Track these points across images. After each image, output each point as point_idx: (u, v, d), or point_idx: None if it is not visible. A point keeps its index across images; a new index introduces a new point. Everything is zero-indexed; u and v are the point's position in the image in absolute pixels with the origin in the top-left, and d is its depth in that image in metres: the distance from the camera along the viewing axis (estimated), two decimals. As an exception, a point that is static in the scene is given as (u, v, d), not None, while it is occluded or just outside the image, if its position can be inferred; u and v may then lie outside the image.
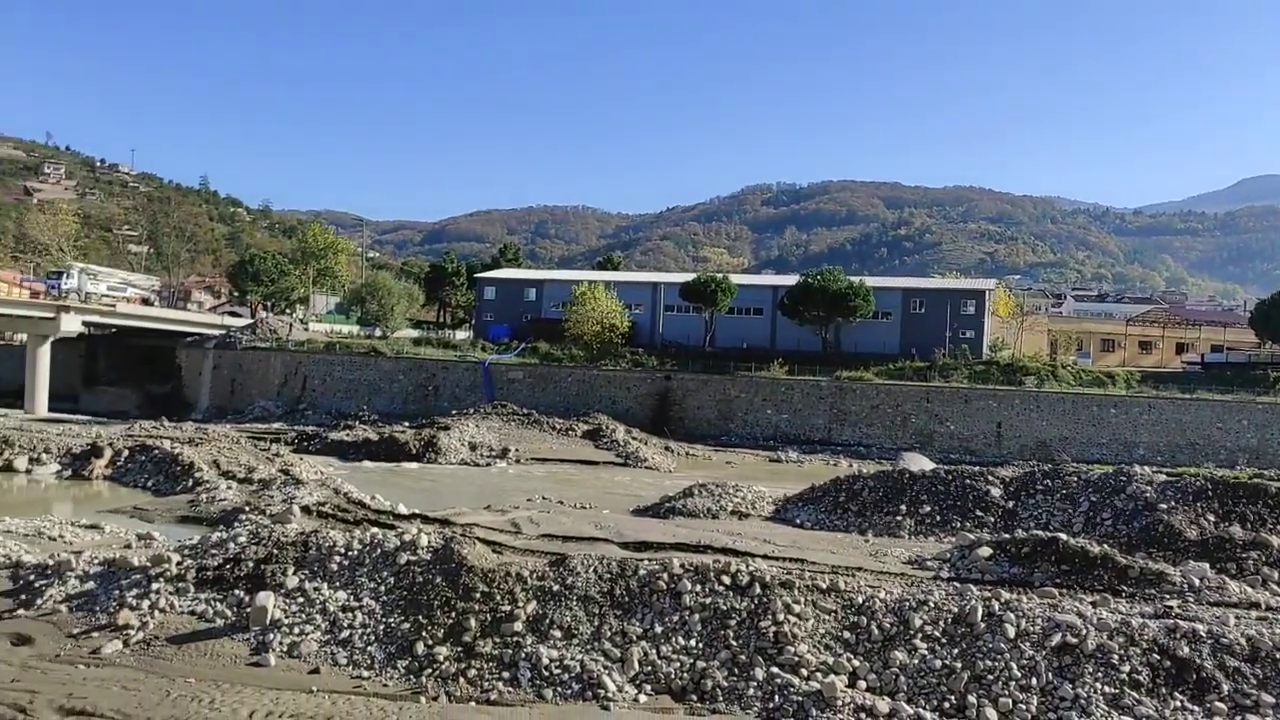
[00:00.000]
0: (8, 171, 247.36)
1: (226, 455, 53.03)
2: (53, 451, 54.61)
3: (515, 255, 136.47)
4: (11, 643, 23.14)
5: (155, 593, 24.66)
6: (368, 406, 78.04)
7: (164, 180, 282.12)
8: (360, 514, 37.66)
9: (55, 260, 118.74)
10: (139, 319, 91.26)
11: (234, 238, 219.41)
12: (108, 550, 30.35)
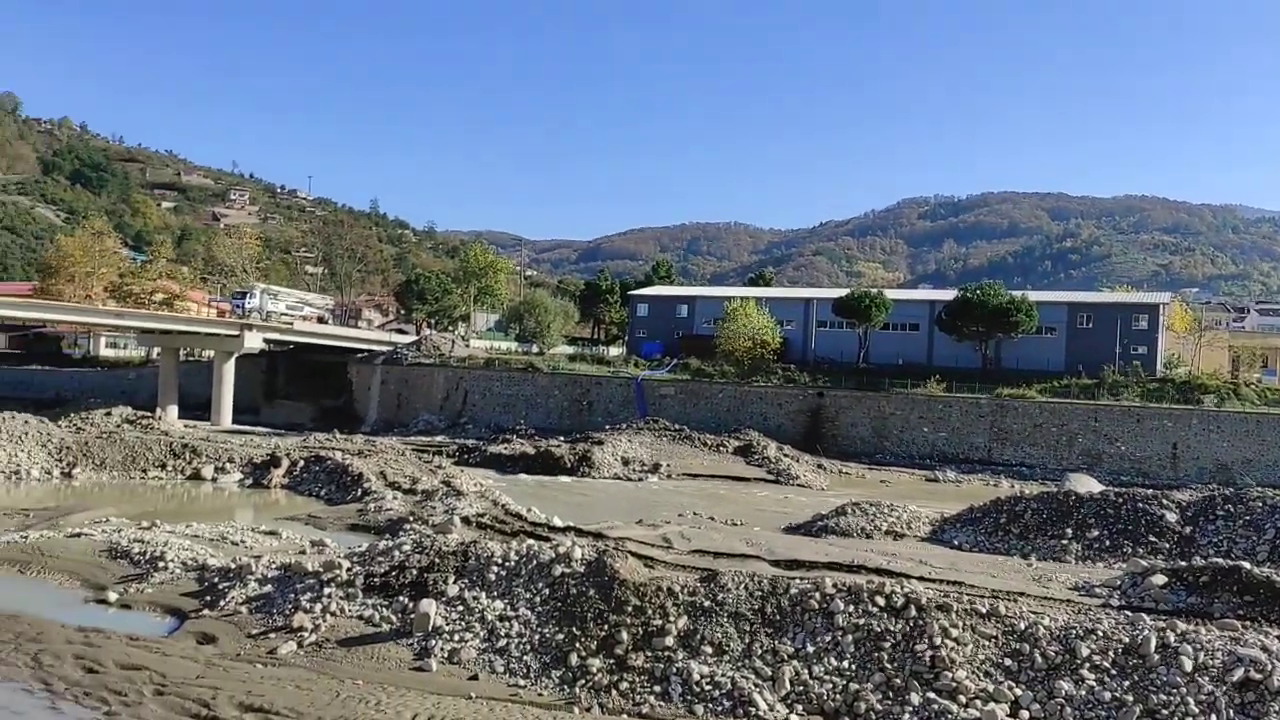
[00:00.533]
0: (198, 198, 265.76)
1: (392, 467, 55.36)
2: (236, 461, 58.22)
3: (668, 272, 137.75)
4: (197, 641, 24.81)
5: (327, 597, 25.99)
6: (525, 421, 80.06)
7: (338, 204, 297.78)
8: (517, 526, 38.61)
9: (240, 281, 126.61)
10: (314, 336, 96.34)
11: (401, 258, 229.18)
12: (284, 555, 32.15)
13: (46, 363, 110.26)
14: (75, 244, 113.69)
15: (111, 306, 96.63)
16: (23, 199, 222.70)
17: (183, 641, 24.72)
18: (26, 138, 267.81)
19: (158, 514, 42.93)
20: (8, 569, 32.50)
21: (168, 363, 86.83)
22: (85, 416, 68.05)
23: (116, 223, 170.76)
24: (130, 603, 28.58)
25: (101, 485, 53.84)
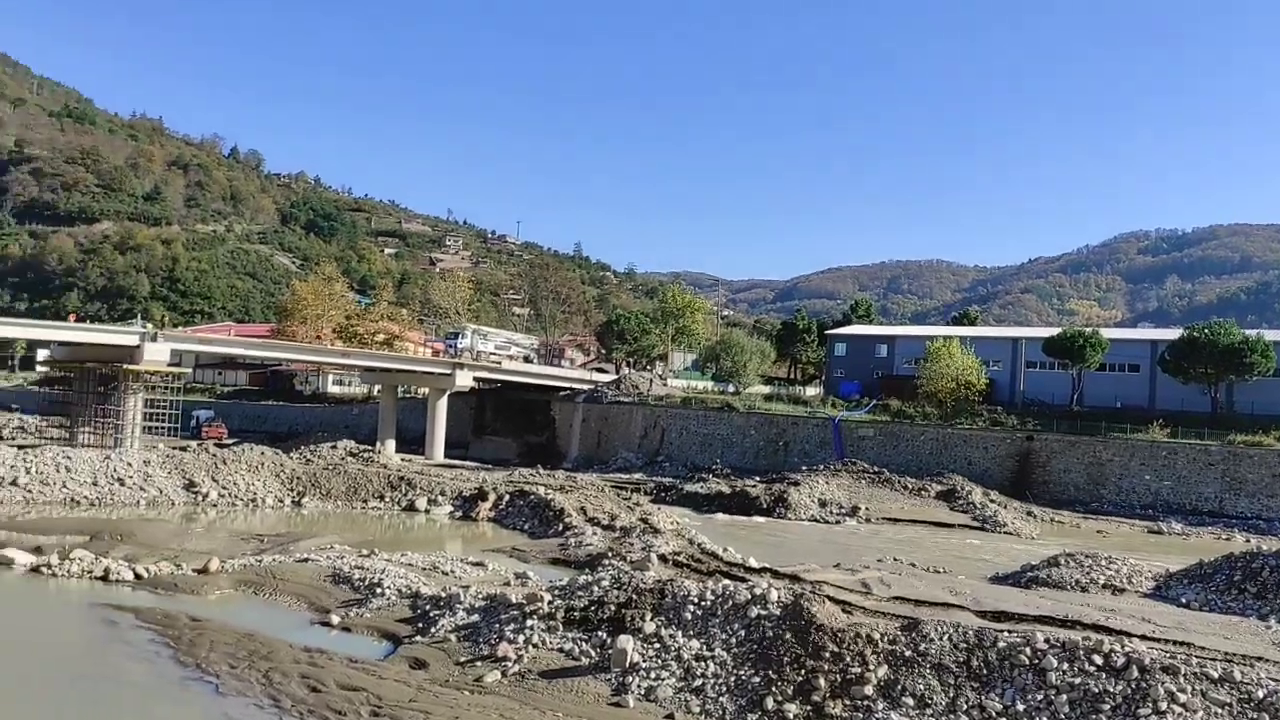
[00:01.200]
0: (417, 244, 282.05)
1: (592, 503, 56.63)
2: (447, 494, 61.08)
3: (866, 311, 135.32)
4: (410, 666, 26.12)
5: (530, 629, 26.84)
6: (720, 460, 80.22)
7: (544, 248, 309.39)
8: (713, 565, 38.64)
9: (453, 322, 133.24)
10: (520, 375, 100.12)
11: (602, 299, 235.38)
12: (490, 586, 33.44)
13: (281, 398, 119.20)
14: (308, 289, 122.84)
15: (339, 347, 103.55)
16: (264, 247, 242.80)
17: (397, 665, 26.08)
18: (268, 191, 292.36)
19: (376, 542, 45.55)
20: (245, 590, 35.25)
21: (387, 399, 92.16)
22: (314, 449, 73.10)
23: (344, 268, 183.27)
24: (350, 626, 30.39)
25: (327, 514, 57.62)
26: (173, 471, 59.44)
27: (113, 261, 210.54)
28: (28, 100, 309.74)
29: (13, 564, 36.95)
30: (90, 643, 28.62)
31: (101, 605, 32.29)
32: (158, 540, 43.50)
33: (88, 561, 37.08)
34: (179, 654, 26.87)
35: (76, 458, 59.03)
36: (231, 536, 46.59)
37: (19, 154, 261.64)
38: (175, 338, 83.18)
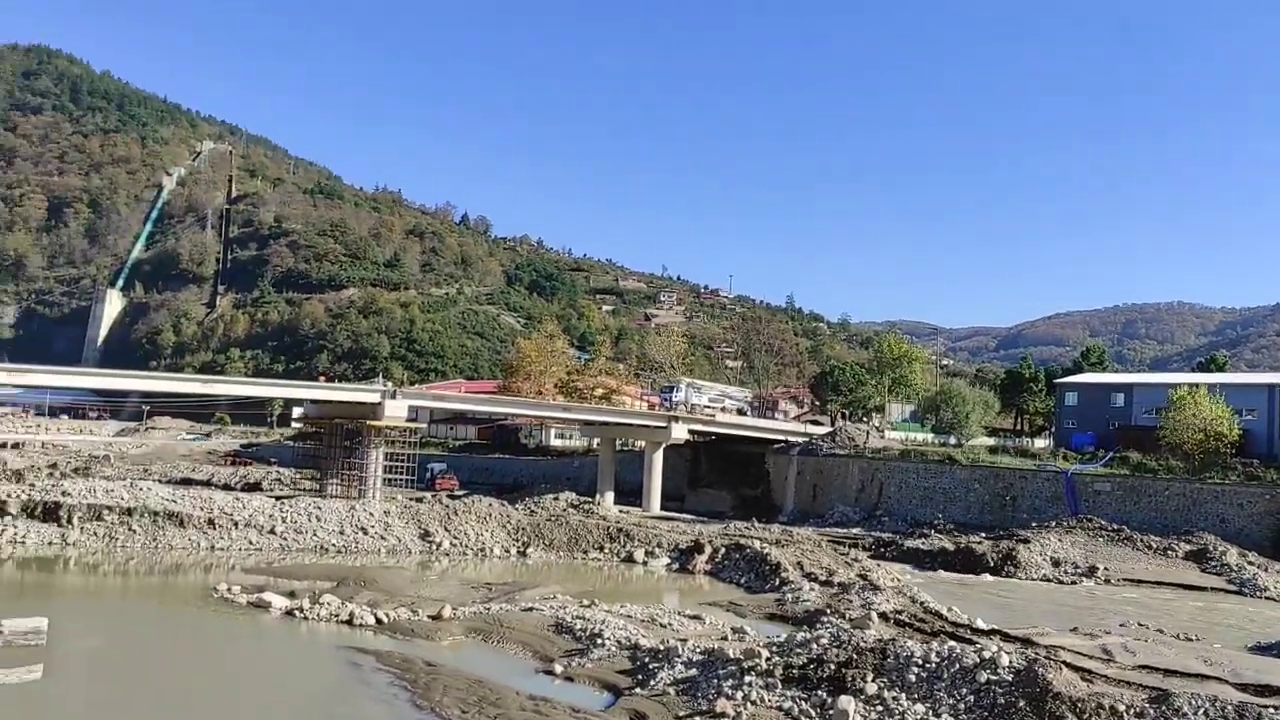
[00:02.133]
0: (633, 301, 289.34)
1: (809, 557, 55.79)
2: (664, 546, 61.77)
3: (1099, 358, 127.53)
4: (630, 718, 26.45)
5: (748, 685, 26.67)
6: (942, 515, 77.19)
7: (756, 301, 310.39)
8: (937, 625, 37.25)
9: (668, 376, 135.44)
10: (734, 427, 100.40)
11: (815, 350, 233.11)
12: (708, 640, 33.50)
13: (507, 451, 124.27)
14: (532, 346, 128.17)
15: (560, 401, 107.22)
16: (491, 308, 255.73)
17: (617, 717, 26.48)
18: (495, 254, 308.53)
19: (596, 593, 46.58)
20: (474, 637, 36.84)
21: (605, 452, 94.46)
22: (537, 501, 75.73)
23: (565, 326, 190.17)
24: (573, 676, 31.15)
25: (550, 564, 59.47)
26: (410, 522, 63.07)
27: (358, 324, 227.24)
28: (285, 180, 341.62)
29: (270, 607, 40.20)
30: (338, 683, 30.66)
31: (346, 648, 34.55)
32: (396, 587, 46.16)
33: (335, 606, 39.83)
34: (416, 697, 28.36)
35: (326, 508, 63.74)
36: (462, 585, 48.84)
37: (278, 229, 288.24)
38: (412, 395, 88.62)
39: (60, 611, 37.51)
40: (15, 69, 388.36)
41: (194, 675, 31.45)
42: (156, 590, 47.54)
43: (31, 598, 42.67)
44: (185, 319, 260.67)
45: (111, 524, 57.14)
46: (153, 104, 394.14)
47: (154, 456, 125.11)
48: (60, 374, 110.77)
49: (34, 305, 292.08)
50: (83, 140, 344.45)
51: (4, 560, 52.03)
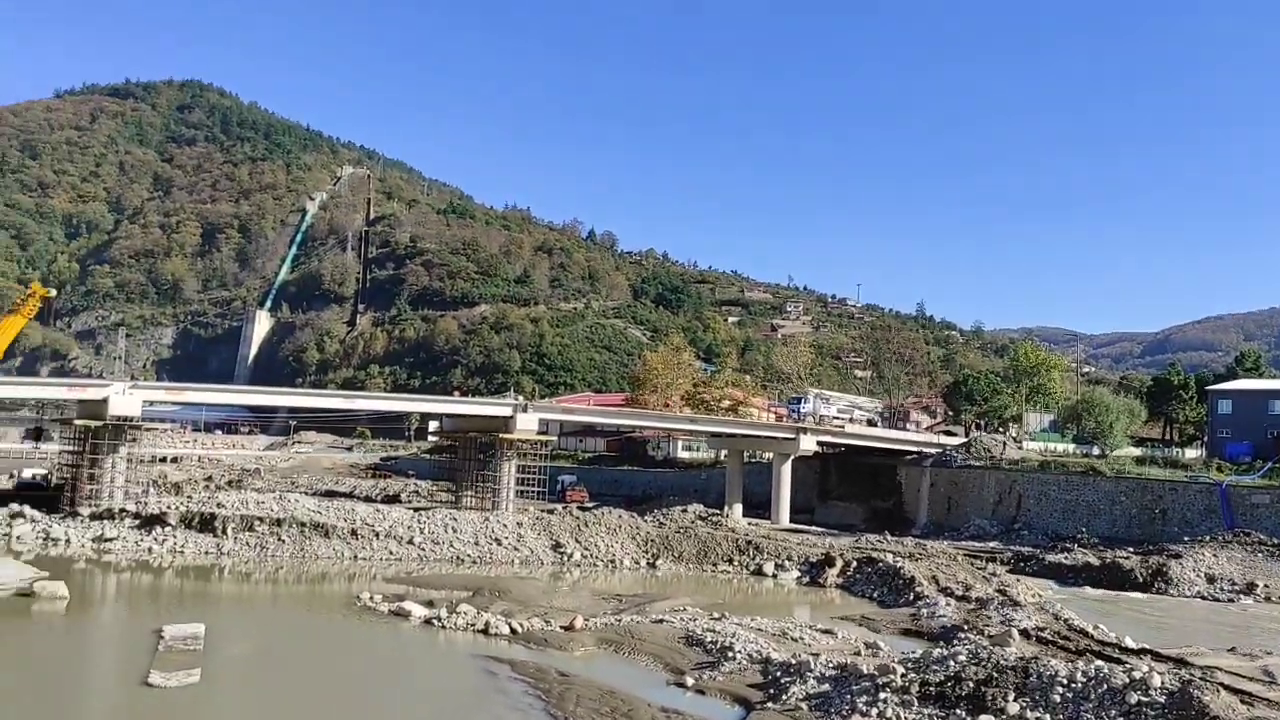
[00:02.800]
0: (758, 312, 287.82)
1: (944, 572, 54.39)
2: (794, 559, 61.16)
3: (1255, 363, 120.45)
4: (762, 731, 26.33)
5: (883, 701, 26.17)
6: (1086, 529, 74.12)
7: (884, 309, 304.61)
8: (1082, 643, 35.83)
9: (795, 387, 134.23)
10: (863, 438, 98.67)
11: (948, 359, 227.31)
12: (840, 655, 33.01)
13: (635, 464, 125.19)
14: (658, 359, 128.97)
15: (687, 413, 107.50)
16: (618, 321, 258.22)
17: (750, 730, 26.37)
18: (621, 269, 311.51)
19: (726, 606, 46.47)
20: (606, 648, 37.19)
21: (733, 464, 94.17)
22: (666, 513, 75.96)
23: (691, 338, 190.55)
24: (704, 688, 31.13)
25: (679, 576, 59.57)
26: (542, 533, 64.15)
27: (489, 340, 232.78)
28: (420, 201, 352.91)
29: (410, 616, 41.48)
30: (475, 691, 31.41)
31: (483, 656, 35.38)
32: (529, 597, 47.00)
33: (471, 615, 40.82)
34: (550, 706, 28.82)
35: (461, 519, 65.45)
36: (593, 596, 49.39)
37: (413, 248, 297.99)
38: (542, 408, 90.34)
39: (216, 618, 39.62)
40: (171, 103, 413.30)
41: (340, 680, 32.70)
42: (304, 598, 49.59)
43: (190, 605, 45.09)
44: (328, 337, 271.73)
45: (262, 534, 59.94)
46: (296, 132, 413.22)
47: (300, 469, 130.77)
48: (214, 391, 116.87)
49: (190, 326, 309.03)
50: (233, 169, 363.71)
51: (165, 569, 55.16)
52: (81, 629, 40.19)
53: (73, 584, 45.50)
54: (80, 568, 53.56)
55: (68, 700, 29.01)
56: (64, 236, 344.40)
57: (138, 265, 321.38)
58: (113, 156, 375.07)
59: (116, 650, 37.15)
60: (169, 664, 31.27)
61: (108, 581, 52.08)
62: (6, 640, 35.12)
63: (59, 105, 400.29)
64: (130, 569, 54.64)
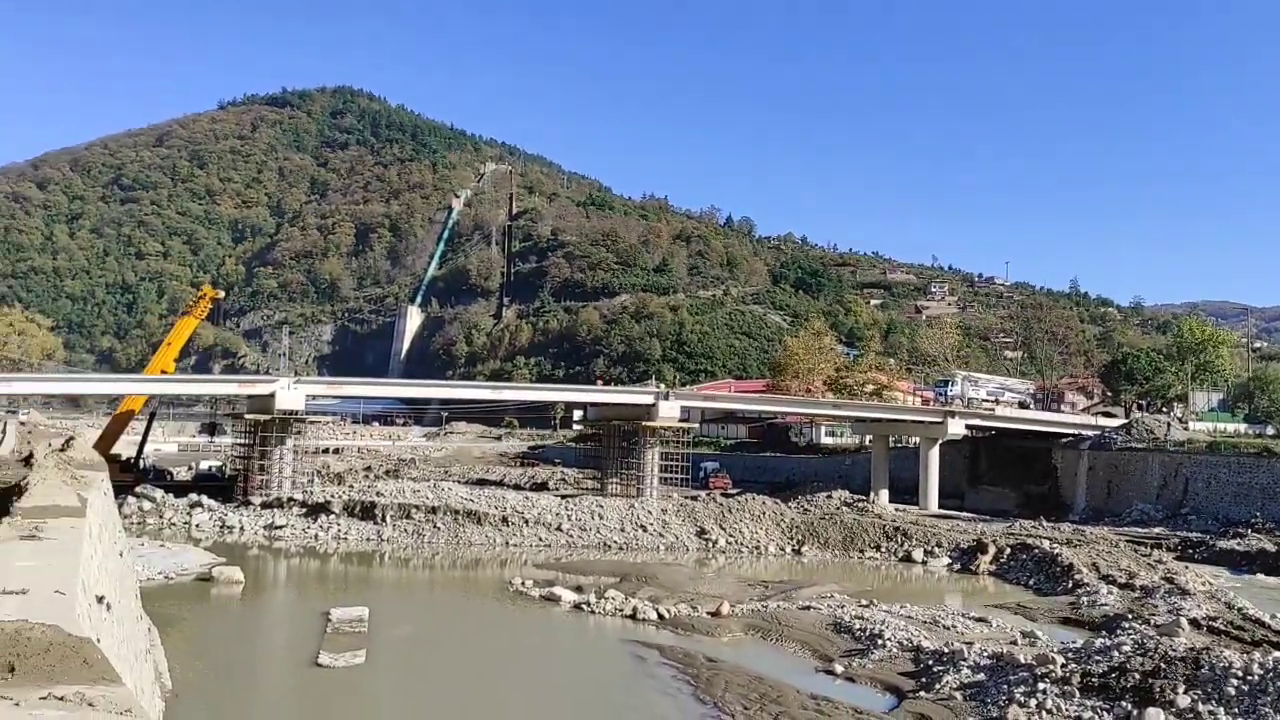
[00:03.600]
0: (902, 294, 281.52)
1: (1105, 559, 52.28)
2: (944, 545, 59.84)
3: None
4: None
5: (1041, 693, 25.45)
6: (1261, 514, 69.85)
7: (1035, 287, 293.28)
8: (1258, 634, 33.95)
9: (941, 370, 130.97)
10: (1015, 421, 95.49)
11: (1105, 337, 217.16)
12: (995, 644, 32.24)
13: (777, 450, 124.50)
14: (798, 344, 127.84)
15: (829, 398, 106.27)
16: (757, 307, 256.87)
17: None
18: (759, 254, 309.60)
19: (874, 593, 45.91)
20: (753, 634, 37.31)
21: (878, 449, 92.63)
22: (810, 499, 75.44)
23: (832, 322, 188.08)
24: (853, 676, 30.90)
25: (825, 562, 59.12)
26: (686, 519, 64.66)
27: (630, 329, 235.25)
28: (560, 194, 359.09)
29: (560, 601, 42.54)
30: (624, 675, 32.03)
31: (631, 641, 36.01)
32: (675, 583, 47.49)
33: (619, 601, 41.57)
34: (698, 691, 29.14)
35: (607, 506, 66.60)
36: (739, 582, 49.54)
37: (554, 241, 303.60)
38: (684, 395, 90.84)
39: (378, 601, 41.53)
40: (325, 110, 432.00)
41: (495, 662, 33.88)
42: (459, 583, 51.45)
43: (354, 589, 47.42)
44: (475, 330, 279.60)
45: (419, 522, 62.40)
46: (441, 132, 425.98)
47: (452, 459, 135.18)
48: (371, 385, 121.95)
49: (347, 323, 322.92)
50: (383, 170, 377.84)
51: (330, 555, 58.09)
52: (256, 612, 42.82)
53: (247, 569, 48.44)
54: (254, 554, 56.92)
55: (247, 679, 31.01)
56: (230, 240, 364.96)
57: (298, 266, 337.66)
58: (272, 163, 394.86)
59: (288, 632, 39.43)
60: (336, 645, 33.00)
61: (278, 567, 55.23)
62: (191, 621, 37.69)
63: (223, 116, 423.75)
64: (298, 555, 57.78)
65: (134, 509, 64.96)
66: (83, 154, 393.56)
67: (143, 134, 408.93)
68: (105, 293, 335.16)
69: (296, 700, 29.29)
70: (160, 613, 32.26)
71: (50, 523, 11.68)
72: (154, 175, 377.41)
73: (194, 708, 25.64)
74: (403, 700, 29.12)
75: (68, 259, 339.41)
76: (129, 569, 27.00)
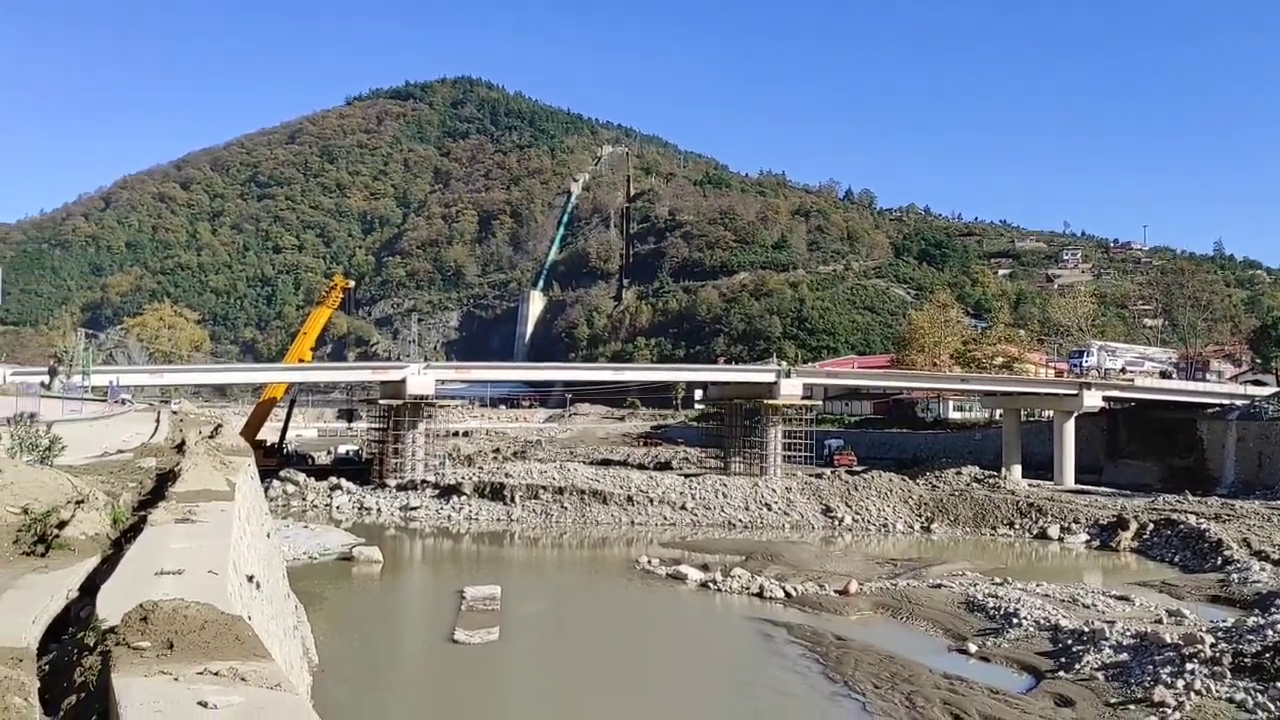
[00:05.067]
0: (1031, 262, 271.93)
1: (1257, 534, 49.73)
2: (1081, 521, 57.86)
3: None
4: (1055, 702, 25.20)
5: (1189, 673, 24.43)
6: None
7: (1176, 251, 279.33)
8: None
9: (1075, 340, 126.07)
10: (1155, 392, 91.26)
11: (1253, 301, 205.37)
12: (1138, 623, 31.05)
13: (903, 426, 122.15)
14: (924, 317, 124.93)
15: (957, 372, 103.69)
16: (879, 281, 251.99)
17: (1040, 701, 25.37)
18: (881, 227, 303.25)
19: (1008, 570, 44.77)
20: (882, 612, 36.85)
21: (1009, 424, 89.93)
22: (938, 475, 73.85)
23: (958, 294, 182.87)
24: (988, 655, 30.24)
25: (956, 540, 57.90)
26: (811, 497, 64.19)
27: (750, 307, 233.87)
28: (677, 174, 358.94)
29: (686, 579, 42.80)
30: (753, 653, 32.08)
31: (758, 619, 36.01)
32: (801, 561, 47.24)
33: (745, 579, 41.60)
34: (828, 670, 28.98)
35: (731, 485, 66.63)
36: (866, 560, 48.98)
37: (672, 221, 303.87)
38: (806, 373, 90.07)
39: (510, 580, 42.56)
40: (445, 100, 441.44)
41: (624, 640, 34.37)
42: (587, 562, 52.28)
43: (486, 567, 48.72)
44: (596, 313, 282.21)
45: (546, 502, 63.63)
46: (558, 117, 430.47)
47: (577, 440, 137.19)
48: (496, 369, 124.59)
49: (472, 309, 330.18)
50: (503, 158, 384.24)
51: (462, 534, 59.77)
52: (394, 590, 44.41)
53: (385, 549, 50.26)
54: (390, 534, 59.01)
55: (388, 655, 32.21)
56: (360, 232, 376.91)
57: (424, 255, 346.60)
58: (398, 155, 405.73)
59: (425, 609, 40.80)
60: (471, 622, 33.97)
61: (414, 546, 57.12)
62: (334, 600, 39.37)
63: (350, 112, 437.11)
64: (432, 535, 59.64)
65: (278, 492, 68.03)
66: (222, 153, 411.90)
67: (276, 132, 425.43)
68: (246, 286, 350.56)
69: (435, 675, 30.31)
70: (305, 591, 33.79)
71: (202, 506, 12.35)
72: (287, 171, 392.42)
73: (340, 682, 26.82)
74: (536, 676, 29.83)
75: (211, 255, 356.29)
76: (276, 549, 28.36)
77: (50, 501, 12.11)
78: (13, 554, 10.18)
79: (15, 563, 9.75)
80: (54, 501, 12.20)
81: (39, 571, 9.30)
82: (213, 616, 5.91)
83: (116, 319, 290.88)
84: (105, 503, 13.13)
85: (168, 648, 5.34)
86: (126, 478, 17.27)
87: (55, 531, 10.71)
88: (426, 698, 28.27)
